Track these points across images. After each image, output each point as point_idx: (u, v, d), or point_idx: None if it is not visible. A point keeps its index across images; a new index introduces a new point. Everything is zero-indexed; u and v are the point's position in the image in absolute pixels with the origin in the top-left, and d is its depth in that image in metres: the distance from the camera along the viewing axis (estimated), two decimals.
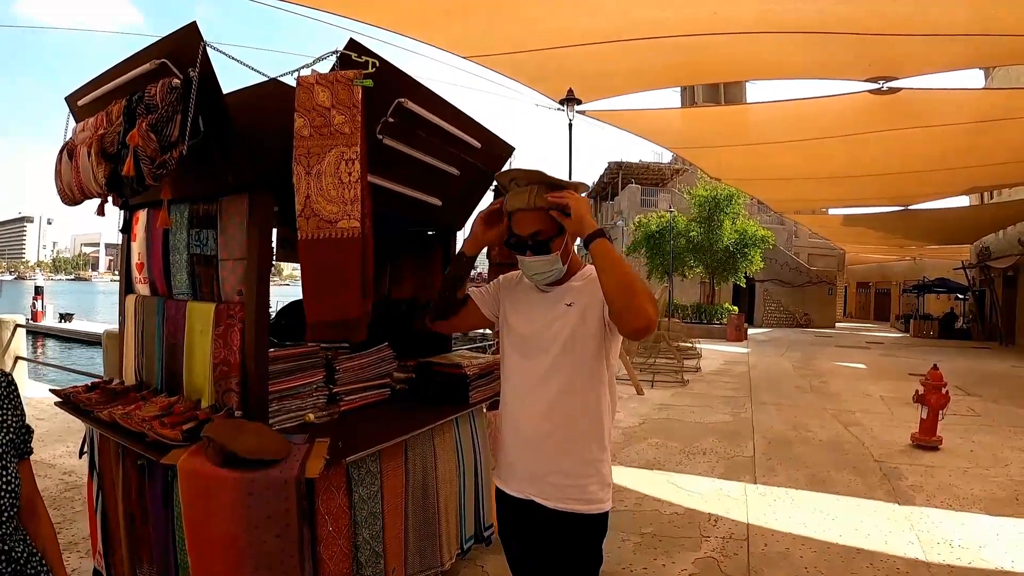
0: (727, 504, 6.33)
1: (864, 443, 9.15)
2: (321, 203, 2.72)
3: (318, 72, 2.79)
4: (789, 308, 41.07)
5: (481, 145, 4.17)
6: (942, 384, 8.86)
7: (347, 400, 3.78)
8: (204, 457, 2.72)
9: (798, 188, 18.18)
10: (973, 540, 5.56)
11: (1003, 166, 15.05)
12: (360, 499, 3.24)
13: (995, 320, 31.02)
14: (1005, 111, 11.66)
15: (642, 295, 2.26)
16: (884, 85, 9.95)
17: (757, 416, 10.92)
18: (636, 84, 10.92)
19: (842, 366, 19.50)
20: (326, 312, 2.80)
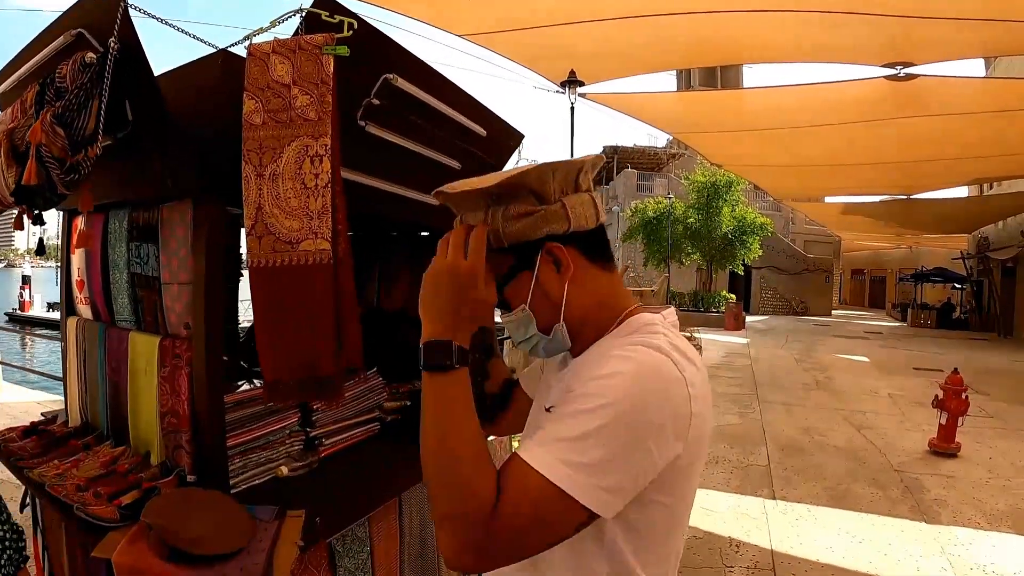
0: (747, 525, 5.95)
1: (880, 449, 8.89)
2: (278, 216, 1.98)
3: (277, 39, 2.06)
4: (785, 296, 41.08)
5: (488, 133, 3.41)
6: (963, 389, 8.48)
7: (328, 444, 3.04)
8: (145, 546, 2.12)
9: (800, 176, 17.98)
10: (1007, 566, 5.38)
11: (1008, 157, 14.86)
12: (347, 572, 2.63)
13: (993, 311, 30.92)
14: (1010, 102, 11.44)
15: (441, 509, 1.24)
16: (902, 71, 9.62)
17: (766, 417, 10.64)
18: (636, 66, 10.61)
19: (845, 359, 19.27)
20: (288, 367, 2.07)
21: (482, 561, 1.19)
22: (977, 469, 7.99)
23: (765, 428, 9.89)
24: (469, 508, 1.15)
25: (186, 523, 2.09)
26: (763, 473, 7.60)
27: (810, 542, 5.62)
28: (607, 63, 10.40)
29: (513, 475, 1.17)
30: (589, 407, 1.17)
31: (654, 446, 1.18)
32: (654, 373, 1.22)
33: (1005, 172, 19.59)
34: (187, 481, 2.41)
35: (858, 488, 7.15)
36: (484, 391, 1.89)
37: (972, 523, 6.20)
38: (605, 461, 1.15)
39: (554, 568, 1.33)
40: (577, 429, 1.16)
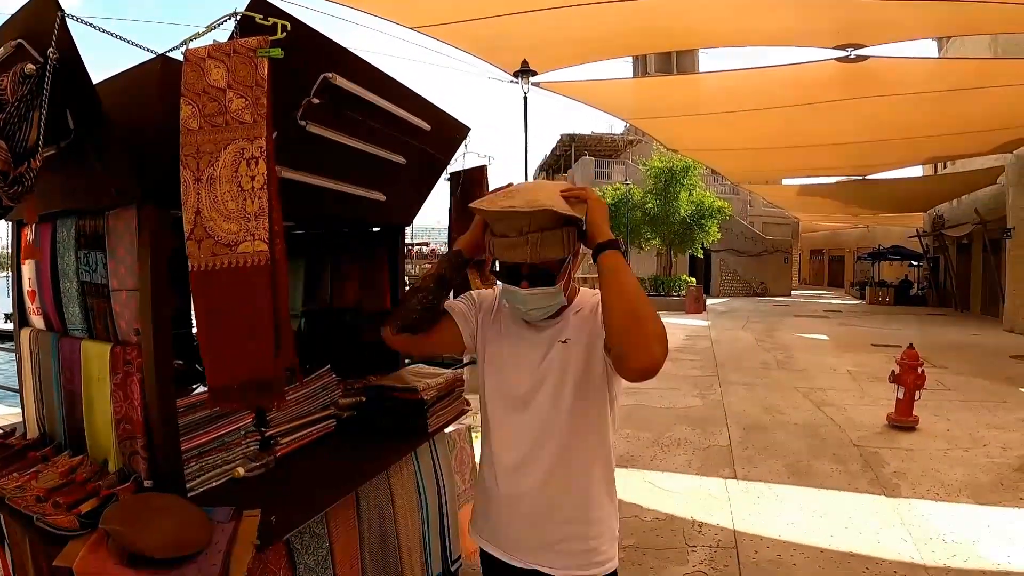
0: (710, 505, 6.00)
1: (840, 425, 9.00)
2: (216, 219, 2.00)
3: (212, 44, 2.07)
4: (745, 277, 41.45)
5: (431, 127, 3.42)
6: (918, 364, 8.63)
7: (284, 443, 3.06)
8: (105, 552, 2.12)
9: (756, 158, 18.15)
10: (966, 534, 5.39)
11: (959, 136, 15.15)
12: (307, 569, 2.65)
13: (950, 287, 31.43)
14: (962, 82, 11.66)
15: (652, 330, 1.80)
16: (852, 53, 9.77)
17: (727, 398, 10.72)
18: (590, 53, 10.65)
19: (804, 338, 19.52)
20: (230, 370, 2.07)
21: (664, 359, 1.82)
22: (935, 441, 8.12)
23: (726, 409, 9.95)
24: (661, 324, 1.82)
25: (144, 528, 2.10)
26: (724, 453, 7.67)
27: (772, 519, 5.69)
28: (561, 51, 10.42)
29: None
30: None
31: None
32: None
33: (959, 151, 19.93)
34: (144, 487, 2.42)
35: (818, 464, 7.24)
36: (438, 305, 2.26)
37: (931, 494, 6.31)
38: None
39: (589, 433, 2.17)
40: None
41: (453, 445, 4.18)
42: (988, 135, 15.87)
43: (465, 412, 4.04)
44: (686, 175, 31.09)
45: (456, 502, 4.07)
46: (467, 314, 2.32)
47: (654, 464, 7.23)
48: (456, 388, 3.88)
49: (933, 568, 4.80)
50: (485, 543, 2.33)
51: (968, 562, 4.89)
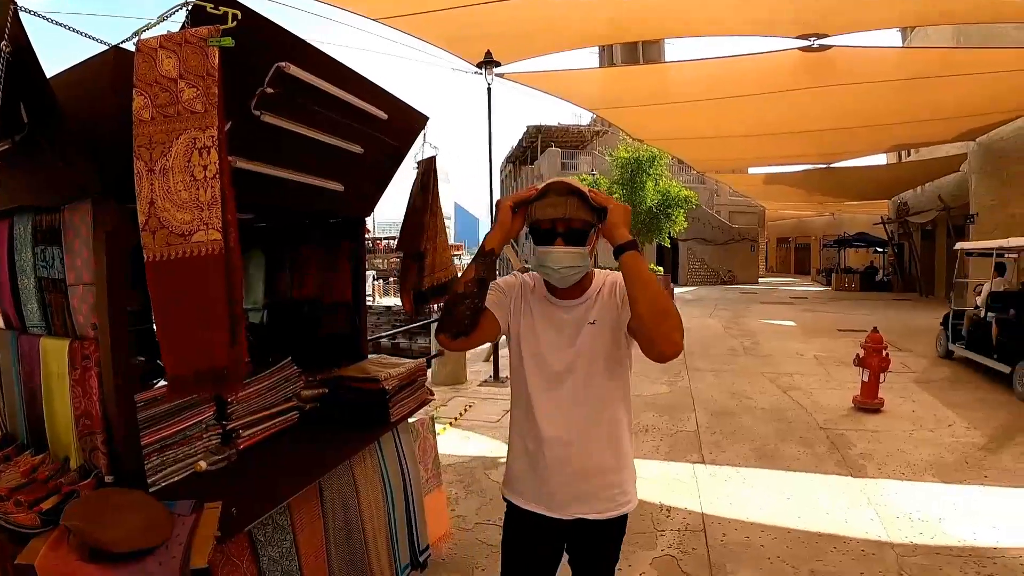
0: (678, 489, 6.04)
1: (806, 409, 9.11)
2: (170, 210, 2.01)
3: (164, 34, 2.06)
4: (713, 266, 41.70)
5: (389, 116, 3.39)
6: (883, 347, 8.74)
7: (246, 436, 3.03)
8: (67, 549, 2.09)
9: (721, 147, 18.24)
10: (932, 512, 5.46)
11: (924, 124, 15.34)
12: (271, 561, 2.67)
13: (914, 273, 31.75)
14: (926, 70, 11.79)
15: (674, 320, 2.14)
16: (815, 42, 9.85)
17: (695, 385, 10.78)
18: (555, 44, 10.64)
19: (771, 324, 19.72)
20: (188, 360, 2.09)
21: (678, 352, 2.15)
22: (901, 423, 8.23)
23: (694, 395, 10.00)
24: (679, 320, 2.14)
25: (104, 523, 2.10)
26: (692, 439, 7.71)
27: (740, 502, 5.73)
28: (525, 42, 10.39)
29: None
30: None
31: None
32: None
33: (923, 139, 20.18)
34: (105, 482, 2.41)
35: (785, 448, 7.30)
36: (482, 304, 2.41)
37: (897, 474, 6.39)
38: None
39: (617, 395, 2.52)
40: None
41: (417, 435, 4.19)
42: (951, 123, 16.08)
43: (428, 402, 4.04)
44: (652, 165, 31.07)
45: (421, 492, 4.08)
46: (500, 303, 2.53)
47: None
48: (418, 378, 3.89)
49: (900, 545, 4.86)
50: (527, 502, 2.61)
51: (935, 539, 4.96)
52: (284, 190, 3.03)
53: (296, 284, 4.15)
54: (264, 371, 3.26)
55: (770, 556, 4.74)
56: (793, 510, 5.53)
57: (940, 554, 4.73)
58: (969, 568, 4.51)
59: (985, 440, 7.41)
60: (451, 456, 6.79)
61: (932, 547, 4.84)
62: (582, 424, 2.45)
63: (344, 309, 4.16)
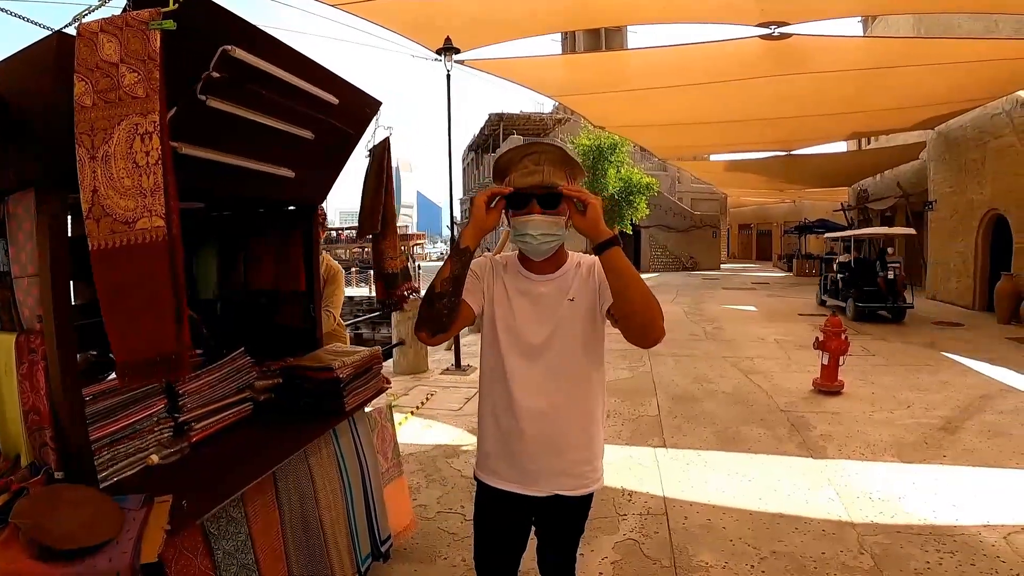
0: (639, 474, 6.05)
1: (767, 392, 9.19)
2: (113, 197, 1.97)
3: (104, 18, 2.01)
4: (675, 252, 41.98)
5: (340, 101, 3.33)
6: (842, 330, 8.82)
7: (198, 428, 2.97)
8: (17, 547, 2.01)
9: (682, 134, 18.34)
10: (892, 491, 5.53)
11: (882, 112, 15.51)
12: (226, 555, 2.62)
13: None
14: (886, 60, 11.91)
15: (657, 311, 2.24)
16: (776, 30, 9.88)
17: (656, 369, 10.82)
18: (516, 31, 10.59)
19: (733, 309, 19.92)
20: (135, 347, 2.06)
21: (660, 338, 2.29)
22: (861, 404, 8.32)
23: (655, 380, 10.03)
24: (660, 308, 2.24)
25: (54, 520, 2.06)
26: (654, 423, 7.73)
27: (701, 485, 5.76)
28: (486, 28, 10.32)
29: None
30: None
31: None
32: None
33: (882, 127, 20.41)
34: (55, 479, 2.35)
35: (746, 430, 7.35)
36: (459, 300, 2.38)
37: (857, 455, 6.45)
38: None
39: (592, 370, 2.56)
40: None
41: (374, 424, 4.14)
42: (911, 112, 16.28)
43: (384, 390, 4.00)
44: (614, 152, 31.20)
45: (380, 481, 4.02)
46: (474, 287, 2.52)
47: None
48: (374, 366, 3.84)
49: (861, 525, 4.91)
50: (502, 481, 2.60)
51: (895, 518, 5.01)
52: (233, 177, 2.97)
53: (250, 274, 4.08)
54: (216, 362, 3.19)
55: (732, 538, 4.76)
56: (754, 492, 5.57)
57: (901, 532, 4.78)
58: (929, 545, 4.57)
59: (944, 422, 7.49)
60: (412, 445, 6.75)
61: (893, 526, 4.89)
62: (558, 398, 2.48)
63: (299, 298, 4.09)
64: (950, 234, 20.00)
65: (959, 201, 19.39)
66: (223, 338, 3.58)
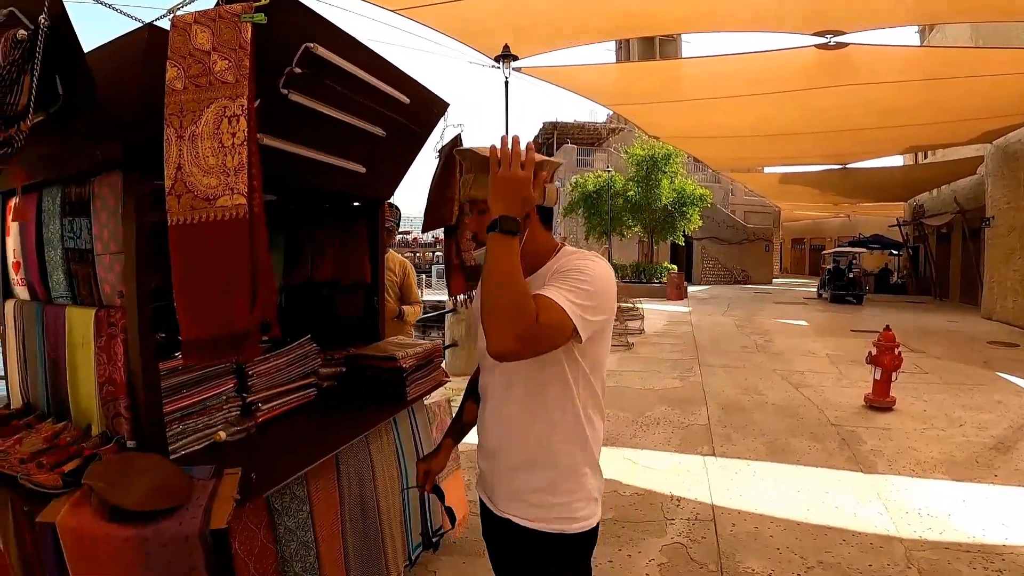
0: (688, 481, 6.05)
1: (817, 405, 9.05)
2: (196, 175, 2.06)
3: (199, 11, 2.13)
4: (727, 265, 41.62)
5: (411, 101, 3.43)
6: (895, 345, 8.71)
7: (265, 409, 3.11)
8: (88, 509, 2.15)
9: (736, 146, 18.19)
10: (941, 508, 5.44)
11: (939, 125, 15.24)
12: (287, 531, 2.73)
13: (929, 275, 31.61)
14: (944, 71, 11.71)
15: (503, 317, 1.81)
16: (831, 39, 9.82)
17: (706, 379, 10.77)
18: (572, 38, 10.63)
19: (784, 323, 19.61)
20: (206, 324, 2.11)
21: (523, 349, 1.86)
22: (912, 421, 8.20)
23: (705, 390, 10.02)
24: (526, 316, 1.81)
25: (126, 484, 2.16)
26: (703, 432, 7.74)
27: (749, 494, 5.76)
28: (542, 35, 10.38)
29: (548, 305, 1.89)
30: (581, 277, 1.99)
31: (606, 307, 2.05)
32: (605, 267, 2.09)
33: (939, 140, 20.07)
34: (127, 447, 2.48)
35: (796, 442, 7.31)
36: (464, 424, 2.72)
37: (907, 471, 6.38)
38: (588, 306, 1.95)
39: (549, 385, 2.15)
40: (576, 287, 1.95)
41: (433, 417, 4.24)
42: (968, 125, 15.98)
43: (443, 383, 4.09)
44: (667, 163, 31.10)
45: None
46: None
47: (634, 442, 7.28)
48: (435, 358, 3.94)
49: (908, 540, 4.87)
50: (479, 491, 2.46)
51: (943, 534, 4.96)
52: (308, 170, 3.09)
53: (315, 266, 4.20)
54: (284, 348, 3.33)
55: (779, 547, 4.76)
56: (802, 503, 5.54)
57: (949, 549, 4.73)
58: (977, 563, 4.52)
59: (996, 441, 7.37)
60: (465, 443, 6.82)
61: (941, 542, 4.84)
62: (511, 410, 2.22)
63: (362, 290, 4.22)
64: (1008, 252, 19.54)
65: (1017, 217, 18.95)
66: (287, 328, 3.70)
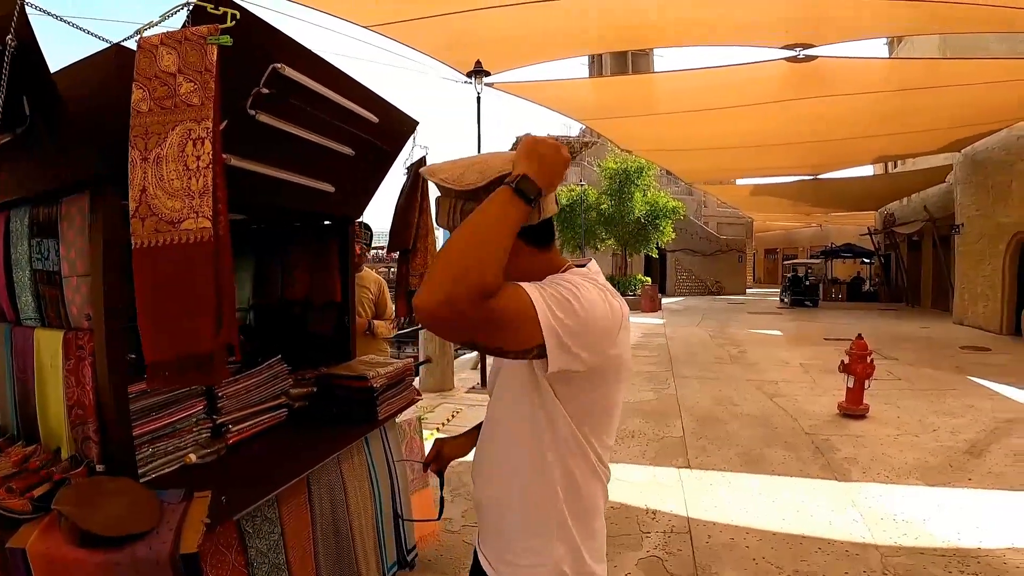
0: (663, 493, 6.07)
1: (791, 415, 9.15)
2: (161, 197, 2.04)
3: (165, 32, 2.13)
4: (700, 276, 41.94)
5: (379, 119, 3.46)
6: (867, 353, 8.83)
7: (235, 431, 3.07)
8: (59, 534, 2.12)
9: (708, 158, 18.37)
10: (916, 514, 5.52)
11: (909, 135, 15.46)
12: (259, 553, 2.70)
13: (901, 283, 32.02)
14: (912, 82, 11.89)
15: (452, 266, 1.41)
16: (801, 53, 9.96)
17: (681, 392, 10.82)
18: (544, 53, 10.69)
19: (758, 333, 19.83)
20: (170, 347, 2.08)
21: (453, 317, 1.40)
22: (885, 428, 8.29)
23: (680, 402, 10.05)
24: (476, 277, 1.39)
25: (95, 508, 2.14)
26: (678, 444, 7.76)
27: (724, 505, 5.78)
28: (515, 51, 10.44)
29: (514, 289, 1.48)
30: (574, 292, 1.54)
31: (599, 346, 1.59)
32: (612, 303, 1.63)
33: (909, 150, 20.35)
34: (96, 471, 2.44)
35: (770, 452, 7.35)
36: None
37: (881, 477, 6.44)
38: (571, 326, 1.50)
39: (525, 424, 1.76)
40: (559, 293, 1.52)
41: (404, 435, 4.23)
42: (937, 134, 16.23)
43: (415, 402, 4.07)
44: (640, 176, 31.31)
45: (408, 491, 4.11)
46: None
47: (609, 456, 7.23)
48: (406, 378, 3.92)
49: (884, 547, 4.91)
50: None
51: (919, 540, 5.02)
52: (276, 190, 3.08)
53: (286, 285, 4.19)
54: (253, 368, 3.30)
55: (755, 557, 4.79)
56: (778, 513, 5.58)
57: (924, 554, 4.78)
58: (953, 567, 4.57)
59: (969, 446, 7.46)
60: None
61: (916, 548, 4.90)
62: (490, 448, 1.93)
63: (333, 310, 4.20)
64: (977, 258, 19.88)
65: (986, 224, 19.29)
66: (257, 347, 3.68)
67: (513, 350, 1.54)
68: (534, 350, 1.51)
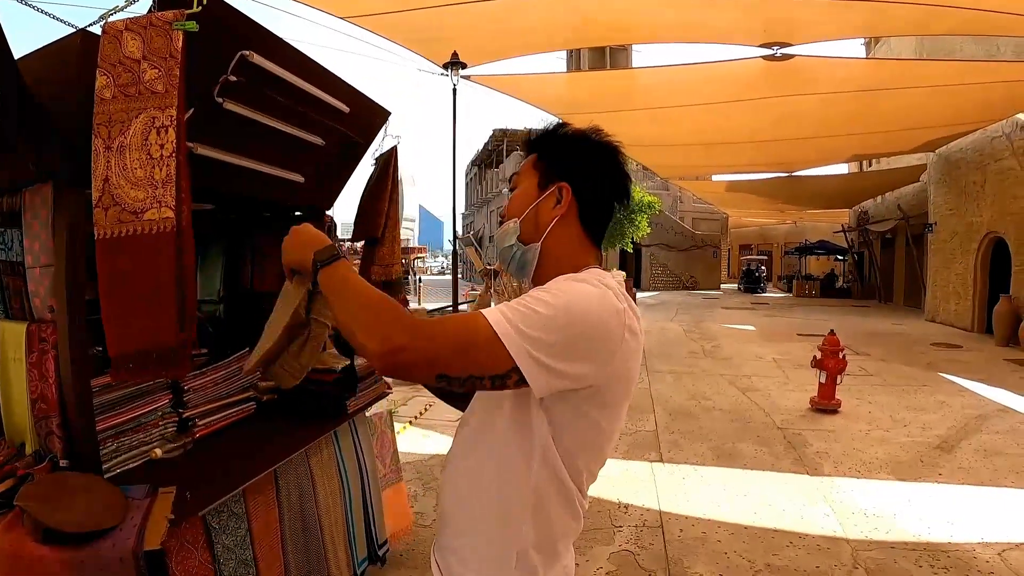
0: (635, 487, 6.08)
1: (764, 409, 9.21)
2: (124, 187, 1.98)
3: (130, 17, 2.05)
4: (675, 272, 42.09)
5: (351, 109, 3.38)
6: (840, 349, 8.91)
7: (202, 425, 3.00)
8: (22, 531, 2.06)
9: (685, 154, 18.42)
10: (887, 508, 5.57)
11: (884, 134, 15.60)
12: (225, 549, 2.65)
13: (874, 280, 32.27)
14: (888, 82, 11.98)
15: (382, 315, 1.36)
16: (778, 51, 9.98)
17: (655, 386, 10.83)
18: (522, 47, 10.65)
19: (732, 328, 19.91)
20: (132, 340, 2.03)
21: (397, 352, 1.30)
22: (857, 423, 8.36)
23: (653, 396, 10.07)
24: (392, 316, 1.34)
25: (59, 505, 2.09)
26: (651, 438, 7.76)
27: (696, 499, 5.79)
28: (492, 44, 10.40)
29: (464, 315, 1.40)
30: (543, 298, 1.38)
31: (588, 354, 1.39)
32: (599, 301, 1.43)
33: (883, 149, 20.52)
34: (60, 467, 2.38)
35: (743, 447, 7.38)
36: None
37: (853, 472, 6.49)
38: (542, 340, 1.33)
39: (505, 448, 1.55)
40: (528, 307, 1.36)
41: (374, 429, 4.18)
42: (911, 134, 16.38)
43: (385, 395, 4.04)
44: None
45: (379, 485, 4.07)
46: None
47: None
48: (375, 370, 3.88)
49: (855, 541, 4.95)
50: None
51: (889, 534, 5.05)
52: (245, 180, 3.02)
53: (256, 276, 4.12)
54: (221, 361, 3.24)
55: (727, 551, 4.80)
56: (750, 507, 5.60)
57: (895, 548, 4.82)
58: (923, 561, 4.61)
59: (940, 441, 7.52)
60: (411, 454, 6.79)
61: (887, 542, 4.93)
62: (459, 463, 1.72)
63: None
64: (949, 256, 20.10)
65: (959, 223, 19.49)
66: (227, 339, 3.62)
67: (487, 376, 1.35)
68: (511, 375, 1.34)
